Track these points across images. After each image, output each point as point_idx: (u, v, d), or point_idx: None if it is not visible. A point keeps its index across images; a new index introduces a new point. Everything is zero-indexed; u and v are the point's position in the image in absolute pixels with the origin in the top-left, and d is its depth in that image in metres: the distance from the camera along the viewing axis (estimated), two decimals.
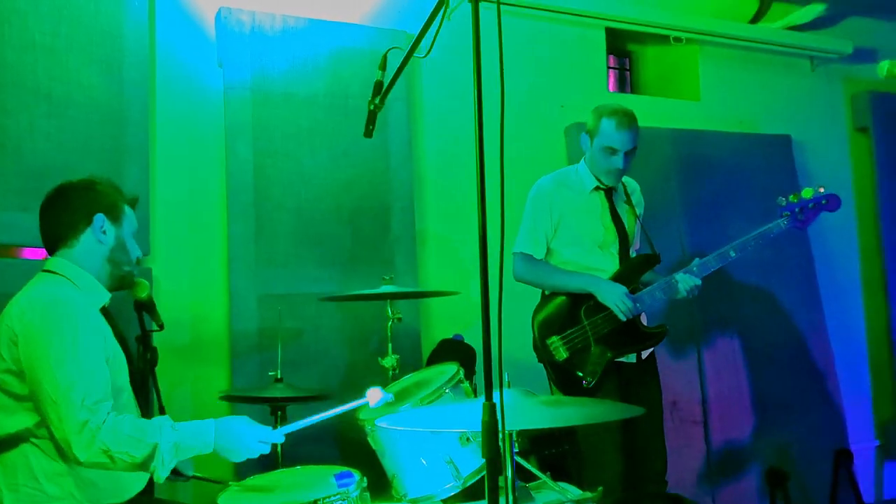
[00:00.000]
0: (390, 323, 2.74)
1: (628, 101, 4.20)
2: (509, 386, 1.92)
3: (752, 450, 3.81)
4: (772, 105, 4.52)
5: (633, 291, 2.74)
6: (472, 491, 2.24)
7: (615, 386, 2.74)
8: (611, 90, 4.46)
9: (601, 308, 2.73)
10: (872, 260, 4.71)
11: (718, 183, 4.11)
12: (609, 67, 4.53)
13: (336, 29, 3.41)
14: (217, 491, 2.07)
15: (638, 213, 2.93)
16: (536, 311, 2.83)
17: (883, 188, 4.71)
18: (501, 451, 1.94)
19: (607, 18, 4.02)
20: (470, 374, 2.96)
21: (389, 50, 2.09)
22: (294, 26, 3.33)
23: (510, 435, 1.84)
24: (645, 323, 2.85)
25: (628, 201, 2.92)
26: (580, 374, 2.68)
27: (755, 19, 4.45)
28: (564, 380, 2.74)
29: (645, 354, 2.87)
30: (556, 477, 2.44)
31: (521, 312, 3.68)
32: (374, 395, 2.07)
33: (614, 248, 2.84)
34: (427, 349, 3.35)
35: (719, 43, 4.32)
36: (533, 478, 2.24)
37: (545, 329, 2.77)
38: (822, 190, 2.88)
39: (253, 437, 1.95)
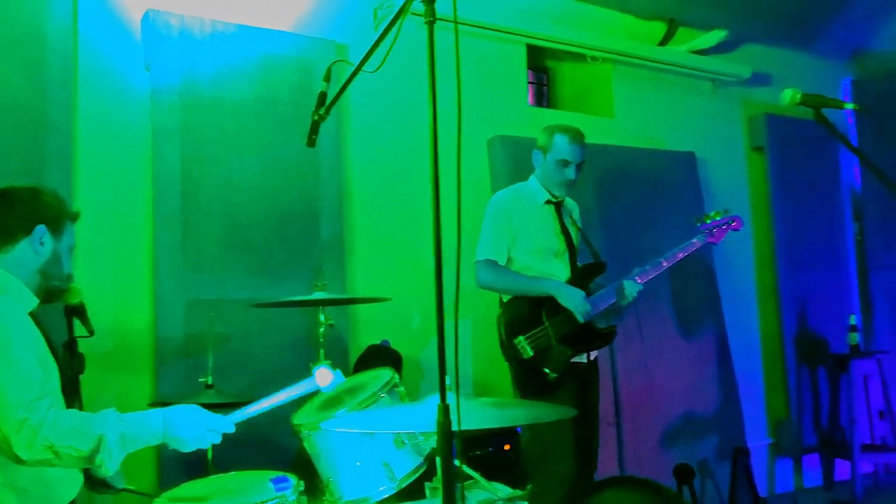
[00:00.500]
0: (322, 329, 2.77)
1: (546, 115, 4.38)
2: (451, 389, 2.00)
3: (660, 448, 4.03)
4: (678, 123, 4.80)
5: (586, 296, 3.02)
6: (406, 492, 2.31)
7: (573, 384, 3.00)
8: (530, 104, 4.63)
9: (560, 310, 2.97)
10: (766, 269, 5.06)
11: (631, 196, 4.33)
12: (528, 82, 4.70)
13: (265, 35, 3.42)
14: None
15: (579, 226, 3.24)
16: (502, 314, 3.04)
17: (776, 203, 5.07)
18: (452, 451, 2.03)
19: (528, 35, 4.18)
20: None
21: (335, 62, 2.15)
22: (223, 31, 3.31)
23: (449, 437, 1.92)
24: (599, 324, 3.12)
25: (571, 216, 3.21)
26: (546, 370, 2.91)
27: (663, 42, 4.71)
28: (529, 376, 2.95)
29: (593, 356, 3.14)
30: (486, 476, 2.55)
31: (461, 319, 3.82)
32: (322, 375, 2.08)
33: (566, 257, 3.12)
34: (354, 355, 3.39)
35: (631, 63, 4.55)
36: (466, 478, 2.33)
37: (511, 330, 2.98)
38: (727, 211, 3.38)
39: (202, 425, 1.93)
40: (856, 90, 5.52)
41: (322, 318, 2.78)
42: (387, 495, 2.29)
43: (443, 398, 1.47)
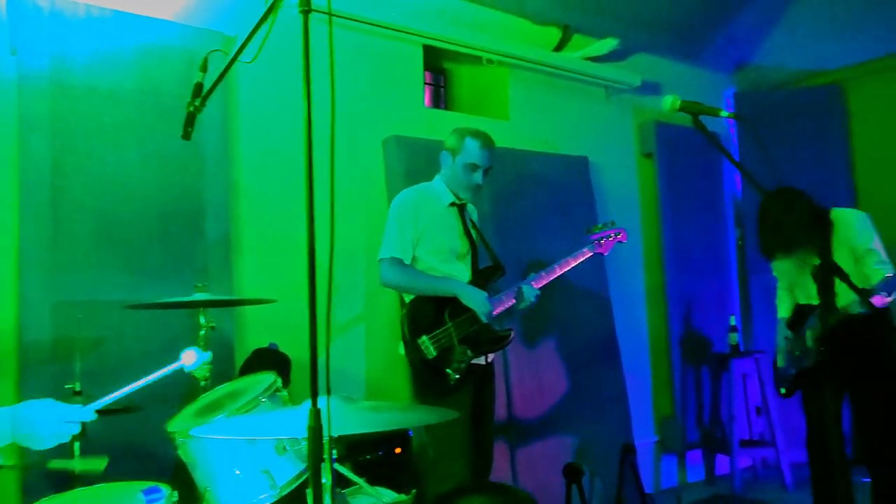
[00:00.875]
0: (203, 332, 2.65)
1: (443, 117, 4.37)
2: (330, 392, 1.94)
3: (551, 448, 4.07)
4: (572, 128, 4.89)
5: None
6: (288, 499, 2.23)
7: (471, 386, 3.03)
8: (427, 105, 4.61)
9: (463, 311, 3.00)
10: (655, 271, 5.23)
11: (526, 199, 4.37)
12: (425, 83, 4.67)
13: (146, 23, 3.25)
14: None
15: (479, 229, 3.28)
16: (406, 314, 3.02)
17: (664, 208, 5.24)
18: (327, 458, 1.97)
19: (425, 36, 4.15)
20: (285, 383, 2.96)
21: (211, 52, 2.05)
22: (99, 16, 3.13)
23: (331, 441, 1.86)
24: (496, 327, 3.14)
25: (471, 219, 3.25)
26: (448, 370, 2.93)
27: (558, 48, 4.79)
28: (431, 377, 2.94)
29: (490, 358, 3.17)
30: (373, 481, 2.50)
31: (342, 321, 3.75)
32: (188, 355, 1.99)
33: (468, 260, 3.16)
34: (241, 358, 3.27)
35: (527, 67, 4.60)
36: (349, 483, 2.27)
37: (415, 329, 2.97)
38: (614, 223, 3.52)
39: (57, 418, 1.80)
40: (738, 102, 5.78)
41: (203, 320, 2.66)
42: (268, 503, 2.21)
43: (314, 402, 1.40)
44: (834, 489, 3.35)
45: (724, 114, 2.36)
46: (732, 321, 5.09)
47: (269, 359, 3.20)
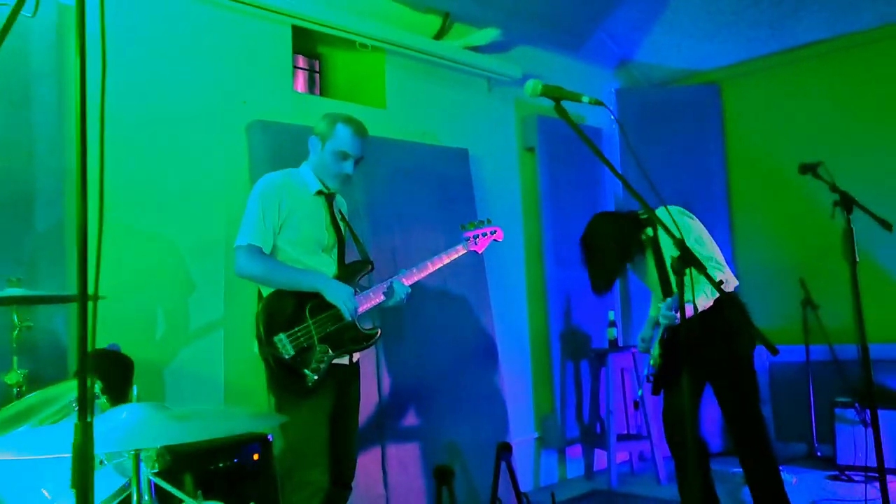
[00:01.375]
0: (16, 332, 2.35)
1: (315, 103, 4.15)
2: (138, 400, 1.71)
3: (424, 450, 3.93)
4: (452, 119, 4.76)
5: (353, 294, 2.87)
6: None
7: (333, 388, 2.83)
8: (299, 90, 4.38)
9: (325, 307, 2.80)
10: (535, 266, 5.17)
11: (402, 191, 4.21)
12: (298, 67, 4.44)
13: None
14: None
15: (347, 222, 3.08)
16: (262, 310, 2.78)
17: (545, 203, 5.20)
18: (133, 471, 1.73)
19: (294, 16, 3.91)
20: (125, 386, 2.68)
21: None
22: None
23: (137, 455, 1.64)
24: (364, 325, 2.95)
25: (340, 211, 3.05)
26: (306, 371, 2.72)
27: (438, 36, 4.65)
28: (286, 378, 2.73)
29: (356, 358, 2.98)
30: (219, 494, 2.28)
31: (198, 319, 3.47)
32: None
33: (334, 253, 2.95)
34: (75, 361, 2.95)
35: (405, 54, 4.44)
36: (172, 498, 2.04)
37: (272, 326, 2.74)
38: (489, 221, 3.40)
39: None
40: (620, 98, 5.82)
41: (16, 318, 2.36)
42: None
43: (83, 415, 1.18)
44: (693, 481, 3.36)
45: (586, 99, 2.26)
46: (611, 316, 5.10)
47: (109, 361, 2.90)
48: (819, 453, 5.19)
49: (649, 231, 3.37)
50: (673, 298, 3.12)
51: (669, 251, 3.21)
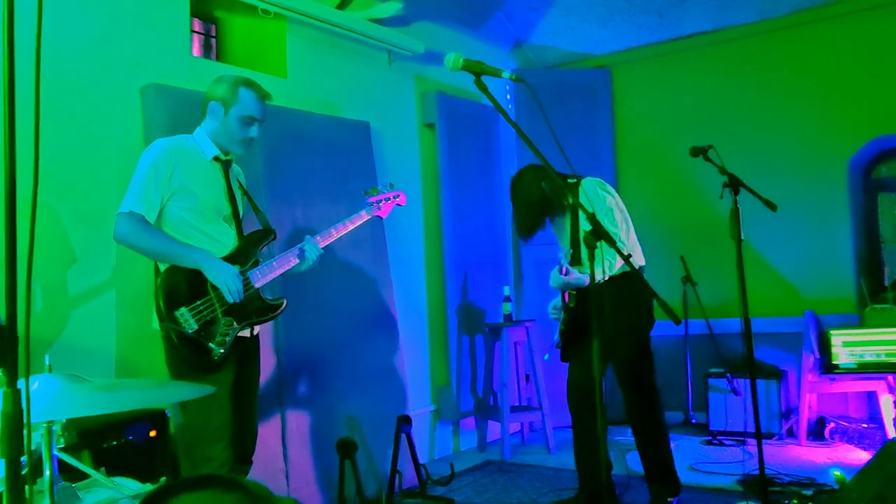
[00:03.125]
0: None
1: (213, 68, 3.99)
2: (50, 370, 1.62)
3: (324, 423, 3.91)
4: (354, 91, 4.71)
5: (254, 264, 2.82)
6: None
7: (234, 361, 2.76)
8: (195, 55, 4.20)
9: None
10: (434, 242, 5.22)
11: (303, 161, 4.13)
12: (194, 31, 4.26)
13: None
14: None
15: (246, 191, 3.02)
16: (162, 283, 2.67)
17: (444, 179, 5.24)
18: (46, 446, 1.64)
19: None
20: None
21: None
22: None
23: (49, 428, 1.55)
24: (266, 296, 2.89)
25: (238, 179, 2.99)
26: (211, 345, 2.64)
27: (341, 6, 4.57)
28: (190, 353, 2.64)
29: (256, 331, 2.92)
30: (119, 470, 2.18)
31: (86, 289, 3.29)
32: None
33: (233, 222, 2.86)
34: None
35: (307, 23, 4.33)
36: (83, 476, 1.95)
37: (172, 300, 2.64)
38: (392, 186, 3.41)
39: None
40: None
41: None
42: None
43: (11, 383, 1.11)
44: (592, 449, 3.53)
45: (507, 75, 2.33)
46: (507, 291, 5.23)
47: None
48: (694, 420, 5.55)
49: (570, 198, 3.48)
50: (565, 263, 3.27)
51: (583, 224, 3.34)
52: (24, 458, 1.11)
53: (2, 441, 1.09)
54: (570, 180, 3.42)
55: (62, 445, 1.85)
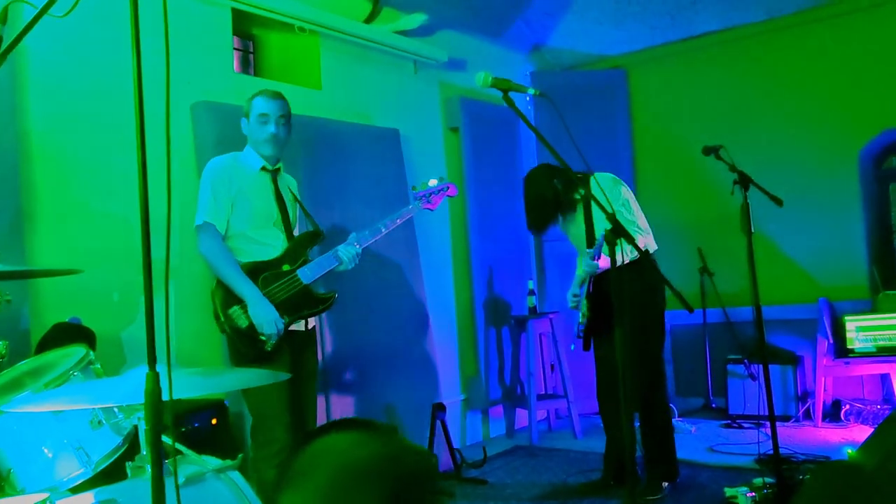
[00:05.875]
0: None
1: (253, 83, 4.28)
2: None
3: (364, 409, 4.20)
4: (383, 100, 4.98)
5: (303, 263, 3.10)
6: (104, 475, 2.16)
7: (289, 353, 3.05)
8: (236, 71, 4.49)
9: (279, 277, 3.03)
10: (460, 239, 5.50)
11: (339, 169, 4.42)
12: (234, 48, 4.55)
13: None
14: None
15: (298, 199, 3.32)
16: (217, 286, 2.99)
17: (469, 181, 5.51)
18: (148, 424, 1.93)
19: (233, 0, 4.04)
20: None
21: (12, 2, 1.90)
22: None
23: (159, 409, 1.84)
24: (319, 290, 3.19)
25: (289, 188, 3.27)
26: (262, 337, 2.92)
27: (369, 20, 4.85)
28: (246, 346, 2.94)
29: (311, 324, 3.21)
30: (197, 450, 2.47)
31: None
32: None
33: (282, 226, 3.15)
34: (37, 335, 3.05)
35: (338, 38, 4.61)
36: (173, 453, 2.24)
37: (227, 300, 2.96)
38: (442, 179, 3.56)
39: None
40: (534, 80, 6.18)
41: None
42: (81, 480, 2.13)
43: (152, 366, 1.40)
44: (620, 435, 3.75)
45: (532, 91, 2.57)
46: (531, 285, 5.49)
47: (72, 333, 3.02)
48: (714, 405, 5.78)
49: (582, 191, 3.68)
50: (595, 248, 3.46)
51: (601, 220, 3.57)
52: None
53: (146, 414, 1.37)
54: (577, 176, 3.65)
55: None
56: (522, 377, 5.67)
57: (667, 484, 3.77)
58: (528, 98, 6.17)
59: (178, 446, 2.15)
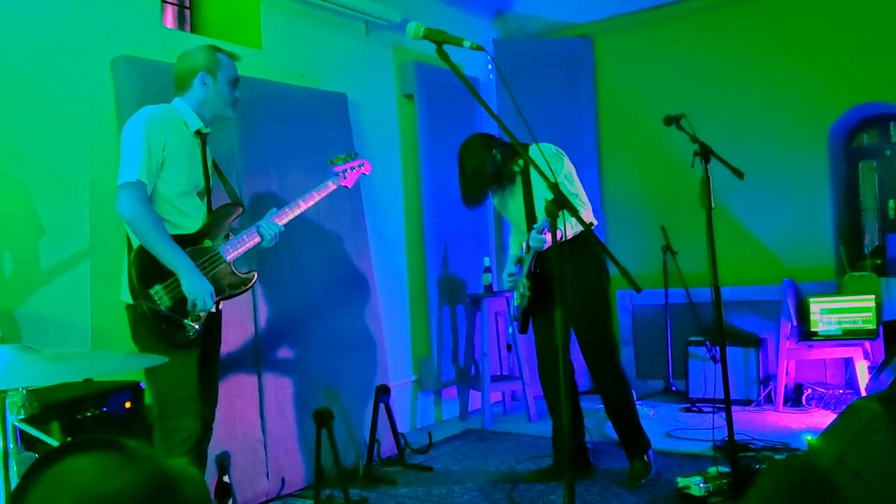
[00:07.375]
0: None
1: (187, 39, 3.96)
2: (3, 341, 1.64)
3: (302, 393, 3.94)
4: (330, 62, 4.68)
5: (225, 238, 2.87)
6: None
7: (201, 335, 2.76)
8: (168, 26, 4.16)
9: (202, 254, 2.75)
10: (414, 213, 5.23)
11: (278, 134, 4.12)
12: (167, 2, 4.22)
13: None
14: None
15: (216, 164, 3.04)
16: (136, 259, 2.64)
17: (424, 150, 5.24)
18: None
19: None
20: None
21: None
22: None
23: (3, 399, 1.57)
24: (240, 269, 2.92)
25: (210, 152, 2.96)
26: (187, 322, 2.67)
27: None
28: (165, 329, 2.65)
29: (221, 305, 2.94)
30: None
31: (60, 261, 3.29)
32: None
33: (205, 197, 2.88)
34: None
35: None
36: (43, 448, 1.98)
37: (146, 278, 2.64)
38: (356, 154, 3.38)
39: None
40: (497, 48, 5.89)
41: None
42: None
43: None
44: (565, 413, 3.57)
45: (467, 44, 2.32)
46: (487, 262, 5.25)
47: None
48: (674, 388, 5.61)
49: (521, 162, 3.50)
50: (543, 220, 3.26)
51: (542, 192, 3.35)
52: None
53: None
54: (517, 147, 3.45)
55: (22, 416, 1.88)
56: (477, 357, 5.45)
57: (650, 452, 3.68)
58: (489, 66, 5.91)
59: (46, 438, 1.89)
